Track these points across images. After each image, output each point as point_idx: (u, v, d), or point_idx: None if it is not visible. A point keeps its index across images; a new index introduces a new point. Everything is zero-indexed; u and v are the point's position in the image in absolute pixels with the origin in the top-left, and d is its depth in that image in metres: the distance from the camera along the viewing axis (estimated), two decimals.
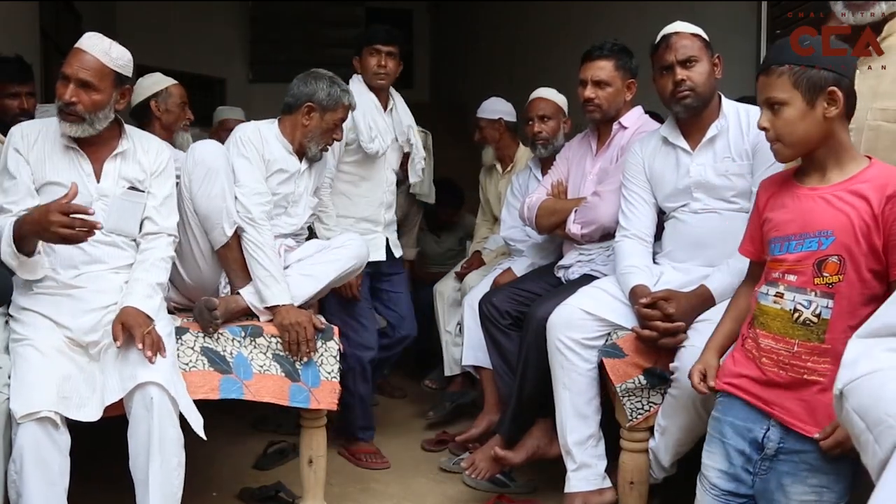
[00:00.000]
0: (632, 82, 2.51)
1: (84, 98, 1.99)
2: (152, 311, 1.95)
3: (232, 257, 2.27)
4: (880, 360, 0.90)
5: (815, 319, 1.44)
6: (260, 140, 2.40)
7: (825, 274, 1.43)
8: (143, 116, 2.85)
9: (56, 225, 1.76)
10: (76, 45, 2.03)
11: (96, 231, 1.84)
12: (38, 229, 1.80)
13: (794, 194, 1.52)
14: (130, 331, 1.86)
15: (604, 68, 2.48)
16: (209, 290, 2.30)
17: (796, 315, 1.46)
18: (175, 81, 2.96)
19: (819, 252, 1.44)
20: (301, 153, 2.49)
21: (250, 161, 2.35)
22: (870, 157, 1.50)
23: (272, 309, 2.20)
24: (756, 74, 1.55)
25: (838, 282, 1.42)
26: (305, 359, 2.15)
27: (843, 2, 1.81)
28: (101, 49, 2.02)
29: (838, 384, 0.94)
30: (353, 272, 2.51)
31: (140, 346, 1.83)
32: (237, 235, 2.27)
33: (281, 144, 2.45)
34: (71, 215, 1.77)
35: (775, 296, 1.50)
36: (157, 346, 1.87)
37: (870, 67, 1.79)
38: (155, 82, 2.96)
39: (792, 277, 1.47)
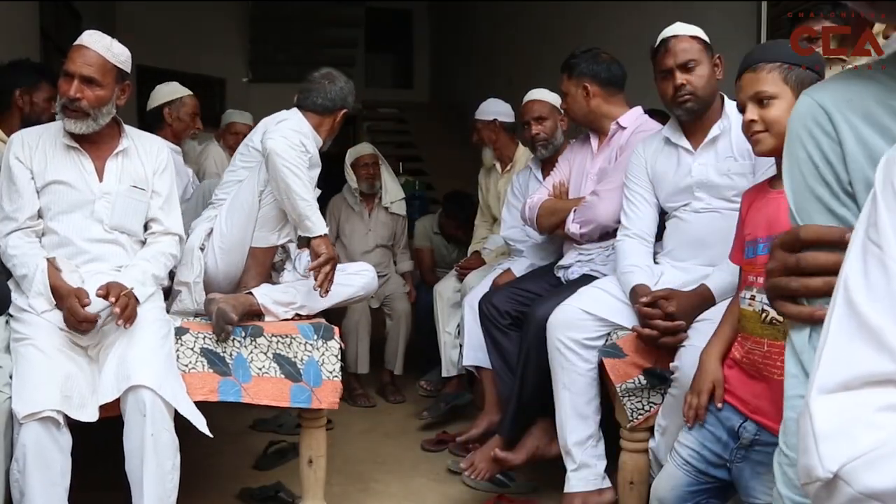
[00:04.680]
0: (585, 86, 2.52)
1: (88, 94, 2.02)
2: (141, 297, 1.97)
3: (264, 261, 2.31)
4: (883, 425, 0.70)
5: (780, 318, 1.46)
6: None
7: None
8: (156, 121, 3.05)
9: (66, 317, 1.88)
10: (77, 42, 2.06)
11: (102, 225, 2.06)
12: (62, 309, 1.90)
13: (766, 198, 1.58)
14: (109, 289, 1.87)
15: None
16: (233, 285, 2.33)
17: (764, 315, 1.51)
18: (190, 93, 3.17)
19: None
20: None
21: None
22: None
23: (315, 238, 2.20)
24: (738, 72, 1.60)
25: None
26: (327, 291, 2.19)
27: None
28: (102, 45, 2.05)
29: (828, 464, 0.70)
30: (359, 300, 2.67)
31: (113, 300, 1.85)
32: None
33: (313, 140, 2.42)
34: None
35: (750, 299, 1.55)
36: (129, 313, 1.87)
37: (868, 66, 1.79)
38: (171, 91, 3.16)
39: (760, 279, 1.51)
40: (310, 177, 2.24)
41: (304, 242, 2.38)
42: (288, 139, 2.18)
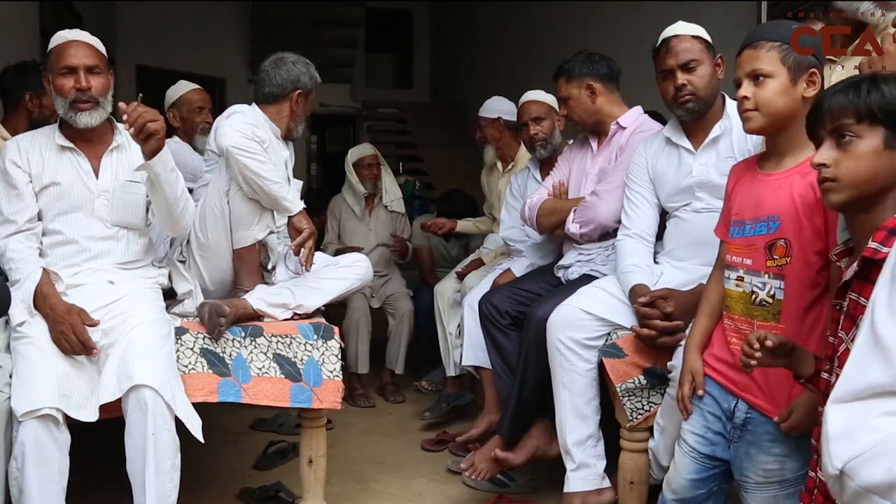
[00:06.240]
0: (589, 85, 2.51)
1: (94, 82, 2.06)
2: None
3: (252, 259, 2.29)
4: (881, 428, 0.81)
5: (770, 300, 1.53)
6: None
7: (775, 256, 1.52)
8: (171, 128, 3.03)
9: (64, 337, 1.83)
10: (63, 42, 2.07)
11: (104, 223, 2.07)
12: (51, 321, 1.86)
13: (754, 178, 1.62)
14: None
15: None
16: (226, 291, 2.31)
17: (754, 296, 1.55)
18: (192, 87, 3.17)
19: (768, 236, 1.54)
20: (286, 138, 2.49)
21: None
22: None
23: (295, 215, 2.21)
24: (739, 49, 1.61)
25: (786, 264, 1.51)
26: (311, 265, 2.22)
27: (873, 1, 1.81)
28: (86, 37, 2.10)
29: (835, 462, 0.84)
30: (356, 291, 2.67)
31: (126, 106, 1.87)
32: None
33: (271, 131, 2.41)
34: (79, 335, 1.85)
35: (737, 279, 1.59)
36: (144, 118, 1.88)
37: (843, 67, 1.82)
38: (174, 92, 3.16)
39: (748, 261, 1.57)
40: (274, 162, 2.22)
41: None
42: (241, 131, 2.15)
